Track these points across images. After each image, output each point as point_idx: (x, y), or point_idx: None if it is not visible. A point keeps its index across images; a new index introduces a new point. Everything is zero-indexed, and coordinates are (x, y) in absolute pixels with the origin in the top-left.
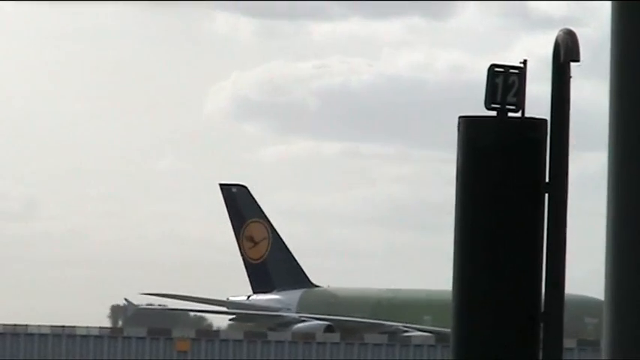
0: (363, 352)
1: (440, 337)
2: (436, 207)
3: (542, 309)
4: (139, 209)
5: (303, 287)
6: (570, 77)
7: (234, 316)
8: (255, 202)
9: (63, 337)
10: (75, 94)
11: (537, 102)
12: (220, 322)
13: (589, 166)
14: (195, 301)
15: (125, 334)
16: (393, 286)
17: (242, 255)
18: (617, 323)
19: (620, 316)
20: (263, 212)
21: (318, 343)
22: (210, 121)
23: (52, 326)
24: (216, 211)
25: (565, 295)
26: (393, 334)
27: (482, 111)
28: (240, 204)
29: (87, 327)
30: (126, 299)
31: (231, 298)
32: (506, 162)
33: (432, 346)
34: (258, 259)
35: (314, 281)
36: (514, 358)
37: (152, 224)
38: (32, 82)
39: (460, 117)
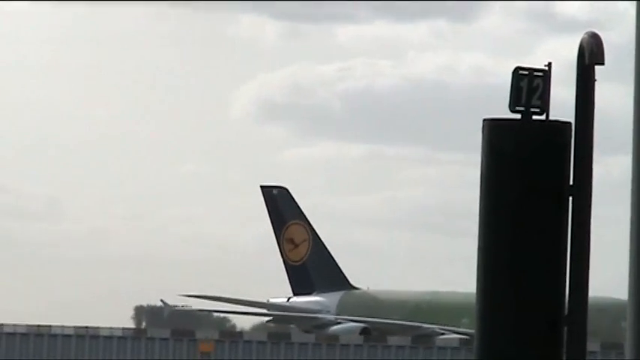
0: (386, 353)
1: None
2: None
3: (566, 312)
4: (163, 211)
5: (343, 289)
6: (595, 80)
7: (270, 318)
8: (296, 203)
9: (86, 337)
10: (100, 97)
11: (562, 105)
12: (244, 323)
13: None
14: (236, 303)
15: (149, 334)
16: (418, 289)
17: (282, 257)
18: None
19: None
20: (303, 214)
21: (342, 345)
22: (235, 124)
23: (75, 327)
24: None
25: (597, 299)
26: (427, 336)
27: (506, 114)
28: (280, 206)
29: (110, 328)
30: (162, 300)
31: (272, 300)
32: (530, 165)
33: (455, 348)
34: (298, 261)
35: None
36: None
37: (176, 226)
38: (57, 84)
39: (484, 120)
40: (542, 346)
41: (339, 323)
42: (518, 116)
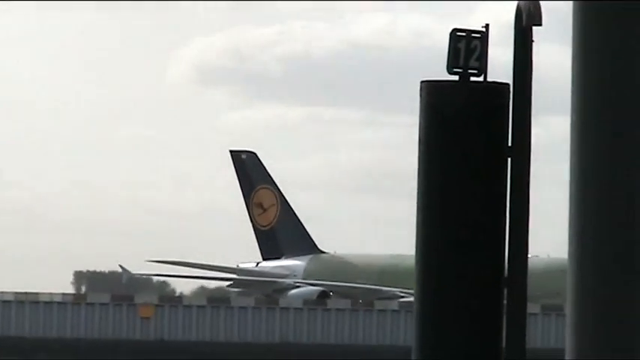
0: (326, 317)
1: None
2: (401, 172)
3: (506, 274)
4: (104, 177)
5: (311, 253)
6: (532, 41)
7: (231, 283)
8: (264, 168)
9: (26, 303)
10: (37, 61)
11: (500, 67)
12: (184, 288)
13: (553, 130)
14: (204, 269)
15: (88, 300)
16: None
17: (252, 222)
18: (580, 286)
19: (584, 279)
20: (272, 179)
21: (282, 309)
22: (174, 88)
23: (15, 292)
24: (182, 178)
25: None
26: (389, 299)
27: (445, 76)
28: (249, 170)
29: (50, 293)
30: (121, 266)
31: (241, 265)
32: (468, 126)
33: (395, 311)
34: (266, 226)
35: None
36: (478, 323)
37: (117, 191)
38: None
39: (422, 81)
40: (482, 308)
41: (298, 287)
42: (456, 78)
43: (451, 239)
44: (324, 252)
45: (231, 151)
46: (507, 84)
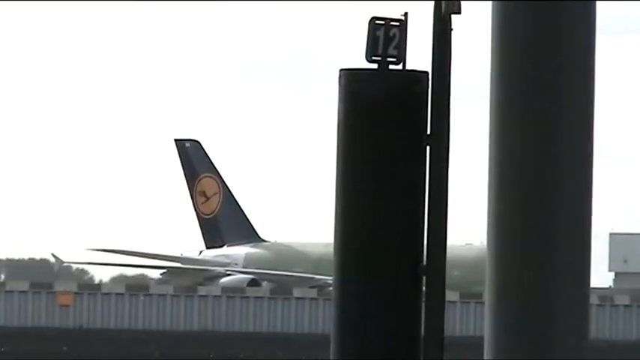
0: (244, 305)
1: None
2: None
3: (425, 262)
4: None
5: (252, 242)
6: (452, 30)
7: (164, 271)
8: (208, 156)
9: None
10: None
11: (419, 55)
12: (103, 275)
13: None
14: (144, 257)
15: (8, 288)
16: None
17: (195, 210)
18: (499, 274)
19: (502, 267)
20: (215, 167)
21: (200, 296)
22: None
23: None
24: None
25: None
26: (321, 288)
27: (363, 64)
28: (193, 159)
29: None
30: (53, 254)
31: (185, 254)
32: (387, 114)
33: (314, 299)
34: (209, 214)
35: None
36: (397, 312)
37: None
38: None
39: (341, 70)
40: (400, 296)
41: (229, 275)
42: (375, 66)
43: (369, 227)
44: (264, 240)
45: (175, 140)
46: (426, 72)
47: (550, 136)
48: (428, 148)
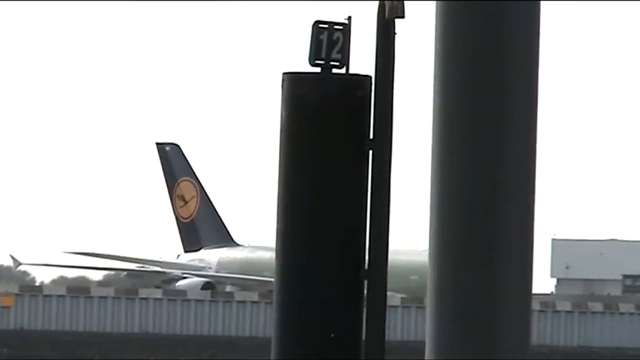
0: (186, 308)
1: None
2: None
3: (367, 266)
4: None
5: (227, 245)
6: (395, 34)
7: (126, 274)
8: (187, 160)
9: None
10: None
11: (363, 59)
12: (44, 277)
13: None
14: (120, 260)
15: None
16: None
17: (174, 214)
18: (440, 278)
19: (444, 270)
20: (193, 171)
21: (141, 299)
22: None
23: None
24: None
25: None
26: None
27: (306, 68)
28: (172, 162)
29: None
30: (11, 256)
31: (164, 258)
32: (330, 118)
33: (255, 302)
34: (187, 218)
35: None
36: (338, 315)
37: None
38: None
39: (284, 73)
40: (342, 300)
41: (185, 278)
42: (318, 70)
43: (312, 232)
44: (239, 244)
45: (157, 144)
46: (369, 76)
47: (493, 138)
48: (370, 152)
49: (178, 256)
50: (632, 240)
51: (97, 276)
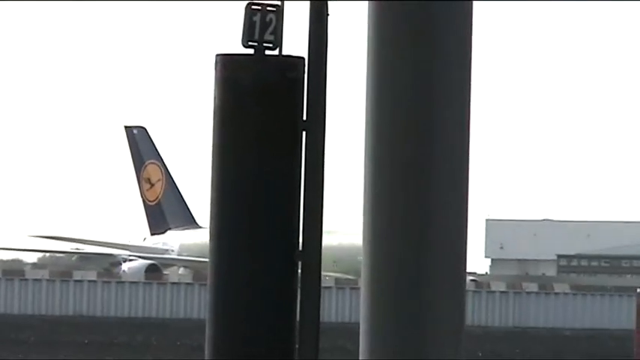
0: (120, 290)
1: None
2: None
3: (301, 248)
4: None
5: (190, 228)
6: (328, 15)
7: (76, 257)
8: (153, 143)
9: None
10: None
11: (297, 40)
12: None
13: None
14: (92, 245)
15: None
16: None
17: (141, 196)
18: (374, 259)
19: (378, 251)
20: (159, 154)
21: (75, 281)
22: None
23: None
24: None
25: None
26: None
27: (239, 49)
28: (140, 145)
29: None
30: None
31: (131, 241)
32: (264, 100)
33: (189, 284)
34: (153, 201)
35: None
36: (272, 298)
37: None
38: None
39: (217, 55)
40: (276, 282)
41: (131, 260)
42: (251, 51)
43: (245, 213)
44: (201, 227)
45: (125, 127)
46: (302, 58)
47: (426, 117)
48: (304, 133)
49: (145, 239)
50: (566, 220)
51: (33, 259)
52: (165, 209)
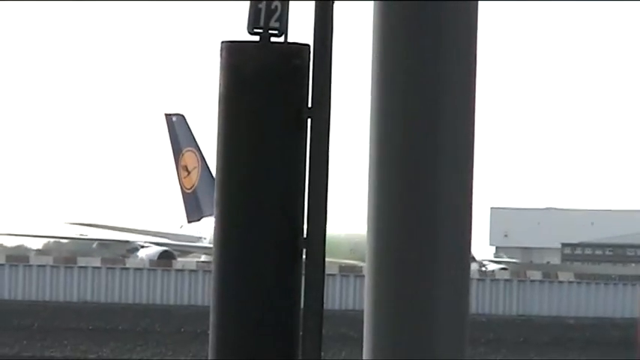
0: (124, 277)
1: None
2: None
3: (305, 235)
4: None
5: None
6: (333, 1)
7: (96, 243)
8: (190, 130)
9: None
10: None
11: (301, 27)
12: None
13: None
14: (127, 232)
15: None
16: None
17: (179, 184)
18: (378, 249)
19: (381, 242)
20: (196, 141)
21: (80, 268)
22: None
23: None
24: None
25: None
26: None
27: (245, 37)
28: (178, 133)
29: None
30: None
31: (168, 229)
32: (269, 87)
33: (193, 271)
34: (190, 188)
35: None
36: (276, 284)
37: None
38: None
39: (223, 42)
40: (280, 269)
41: (145, 247)
42: (257, 38)
43: (249, 200)
44: None
45: (165, 114)
46: (307, 45)
47: (432, 106)
48: (309, 120)
49: (181, 226)
50: (570, 208)
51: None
52: (200, 197)
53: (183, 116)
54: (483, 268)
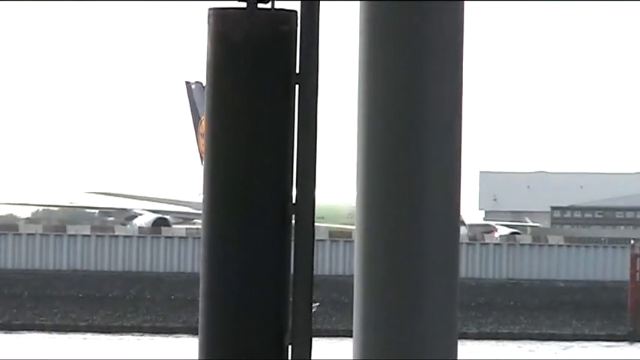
0: (114, 245)
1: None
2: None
3: (294, 201)
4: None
5: None
6: None
7: (97, 212)
8: None
9: None
10: None
11: None
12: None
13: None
14: (146, 200)
15: None
16: None
17: (198, 151)
18: (367, 214)
19: (369, 206)
20: None
21: (69, 236)
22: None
23: None
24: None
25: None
26: None
27: (233, 4)
28: (196, 99)
29: None
30: None
31: (185, 198)
32: (257, 53)
33: (182, 238)
34: None
35: None
36: (266, 251)
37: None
38: None
39: (210, 9)
40: (269, 235)
41: (141, 215)
42: (243, 5)
43: (237, 167)
44: None
45: (186, 82)
46: (295, 11)
47: (418, 74)
48: (297, 86)
49: (200, 194)
50: (559, 172)
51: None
52: None
53: (201, 83)
54: (496, 234)
